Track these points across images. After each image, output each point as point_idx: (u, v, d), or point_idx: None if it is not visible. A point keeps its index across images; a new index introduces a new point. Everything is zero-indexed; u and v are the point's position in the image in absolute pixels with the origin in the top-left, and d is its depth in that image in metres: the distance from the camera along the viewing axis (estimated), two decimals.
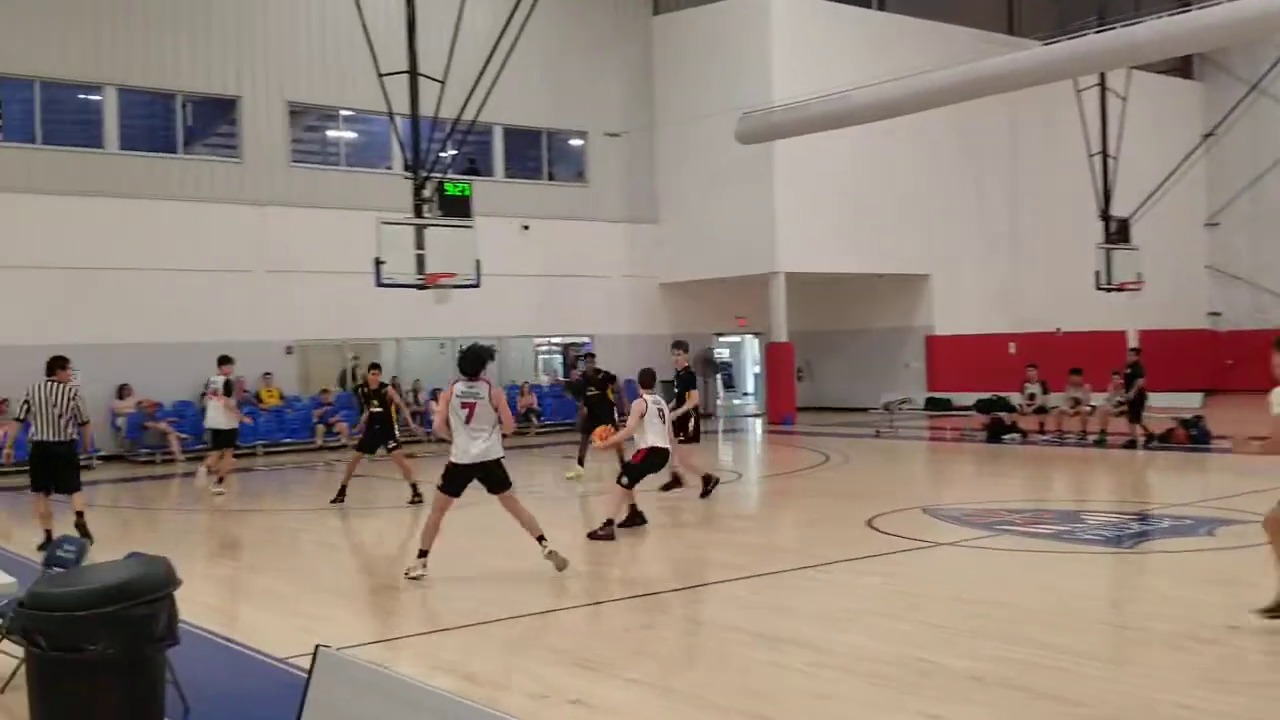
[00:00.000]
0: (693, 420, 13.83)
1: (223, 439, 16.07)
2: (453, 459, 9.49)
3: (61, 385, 11.30)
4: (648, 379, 12.26)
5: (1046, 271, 31.03)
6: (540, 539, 9.62)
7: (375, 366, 15.62)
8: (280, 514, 14.51)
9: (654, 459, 11.80)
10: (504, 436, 9.55)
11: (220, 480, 16.03)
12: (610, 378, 16.00)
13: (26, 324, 20.56)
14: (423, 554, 9.50)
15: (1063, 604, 8.14)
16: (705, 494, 13.68)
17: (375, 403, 14.91)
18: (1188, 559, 9.90)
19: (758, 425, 27.97)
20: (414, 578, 9.33)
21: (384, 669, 3.71)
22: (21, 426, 11.49)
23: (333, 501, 14.40)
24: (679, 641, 7.50)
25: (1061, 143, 29.81)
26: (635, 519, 11.91)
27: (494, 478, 9.51)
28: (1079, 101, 27.98)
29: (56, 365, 11.45)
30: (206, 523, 14.16)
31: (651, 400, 11.91)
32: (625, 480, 11.71)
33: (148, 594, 4.66)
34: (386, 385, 15.32)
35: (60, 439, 11.21)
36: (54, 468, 11.29)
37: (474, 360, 9.55)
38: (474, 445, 9.39)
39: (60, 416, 11.18)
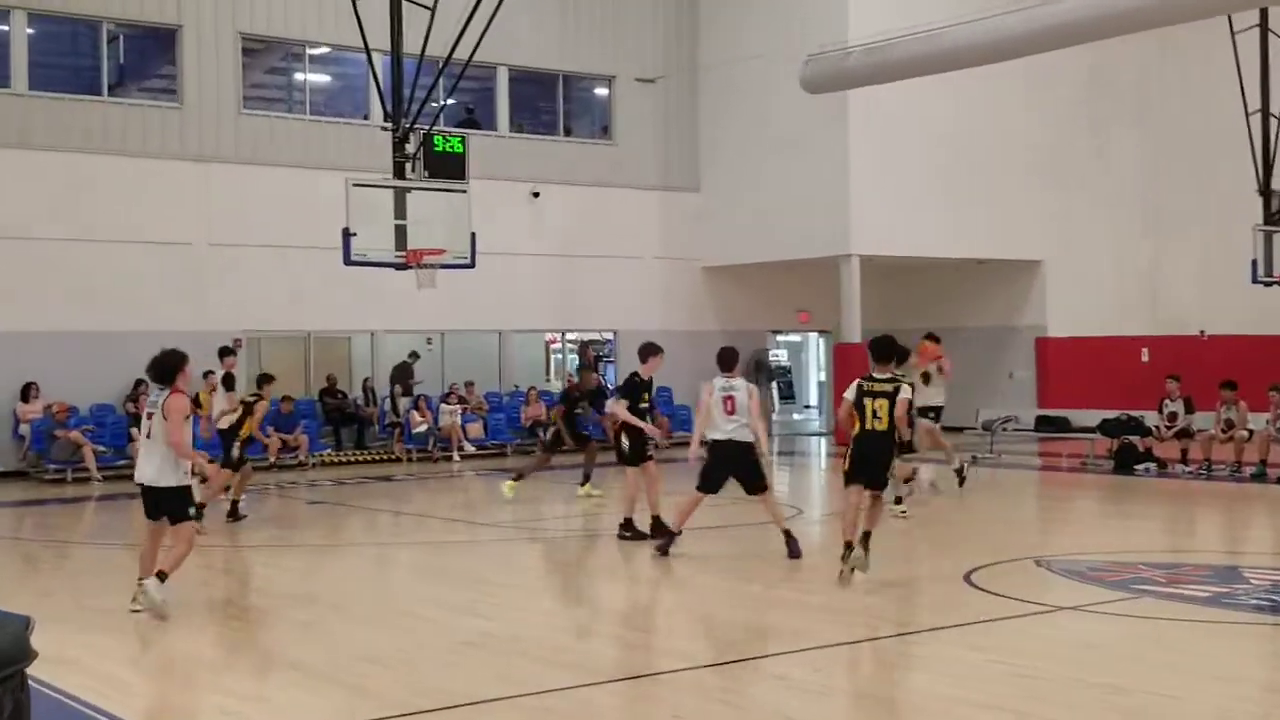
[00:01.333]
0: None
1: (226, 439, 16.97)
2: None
3: None
4: (725, 359, 12.53)
5: (1190, 260, 30.34)
6: (142, 581, 9.92)
7: (266, 378, 16.88)
8: (216, 550, 14.07)
9: (715, 452, 12.23)
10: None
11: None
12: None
13: None
14: (158, 575, 9.90)
15: (1225, 694, 7.60)
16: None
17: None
18: None
19: (822, 446, 27.49)
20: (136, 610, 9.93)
21: None
22: None
23: (230, 518, 15.51)
24: None
25: (1211, 99, 29.02)
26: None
27: (158, 505, 10.02)
28: (1234, 47, 27.23)
29: None
30: (125, 561, 13.76)
31: (720, 384, 12.21)
32: (698, 483, 12.40)
33: None
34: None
35: None
36: None
37: (160, 367, 10.11)
38: (145, 466, 10.03)
39: None
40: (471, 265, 18.99)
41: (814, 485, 21.89)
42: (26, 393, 21.53)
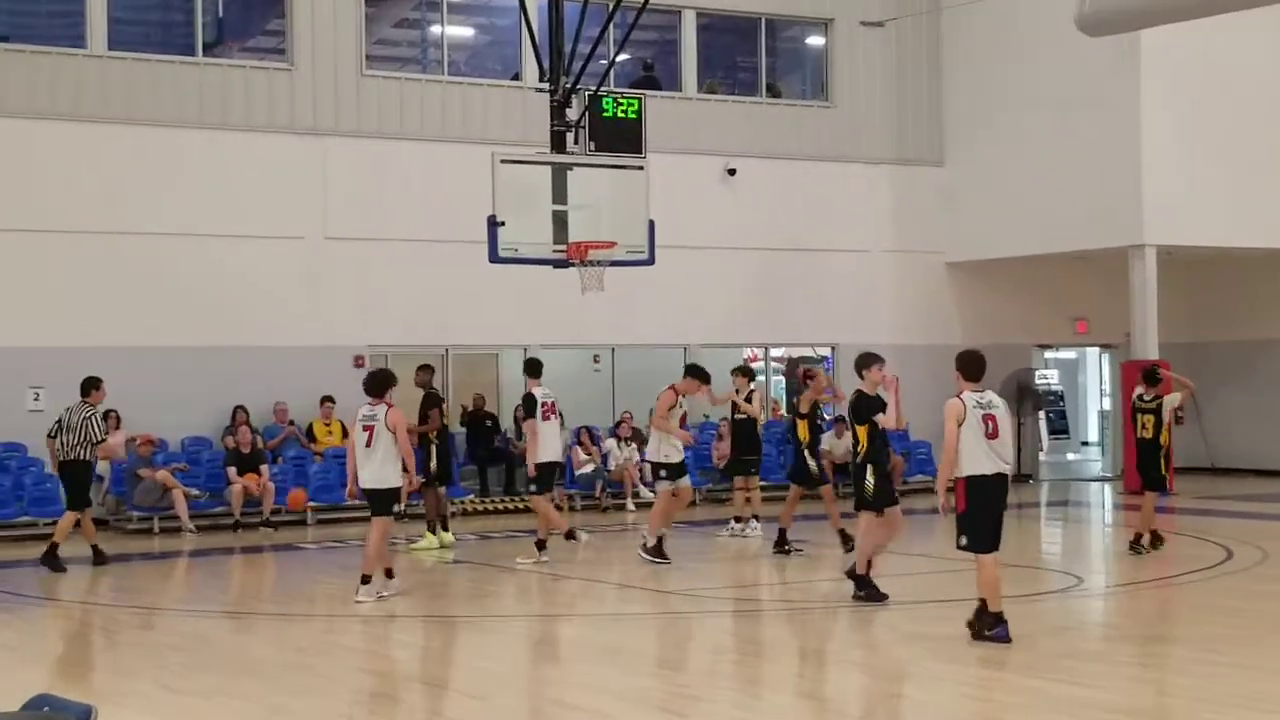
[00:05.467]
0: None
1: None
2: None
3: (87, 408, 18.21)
4: (972, 367, 12.17)
5: None
6: (376, 578, 14.55)
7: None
8: (334, 620, 14.24)
9: (983, 493, 11.74)
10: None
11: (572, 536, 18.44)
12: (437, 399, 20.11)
13: None
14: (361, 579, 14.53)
15: None
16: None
17: None
18: None
19: (1107, 494, 26.90)
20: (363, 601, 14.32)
21: None
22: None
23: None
24: None
25: None
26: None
27: (374, 503, 14.55)
28: None
29: (91, 386, 18.44)
30: (219, 633, 14.02)
31: (973, 401, 11.88)
32: (964, 542, 11.88)
33: None
34: None
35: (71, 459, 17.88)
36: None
37: (377, 382, 14.68)
38: (365, 469, 14.39)
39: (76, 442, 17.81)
40: (650, 262, 18.95)
41: (1097, 547, 21.31)
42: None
